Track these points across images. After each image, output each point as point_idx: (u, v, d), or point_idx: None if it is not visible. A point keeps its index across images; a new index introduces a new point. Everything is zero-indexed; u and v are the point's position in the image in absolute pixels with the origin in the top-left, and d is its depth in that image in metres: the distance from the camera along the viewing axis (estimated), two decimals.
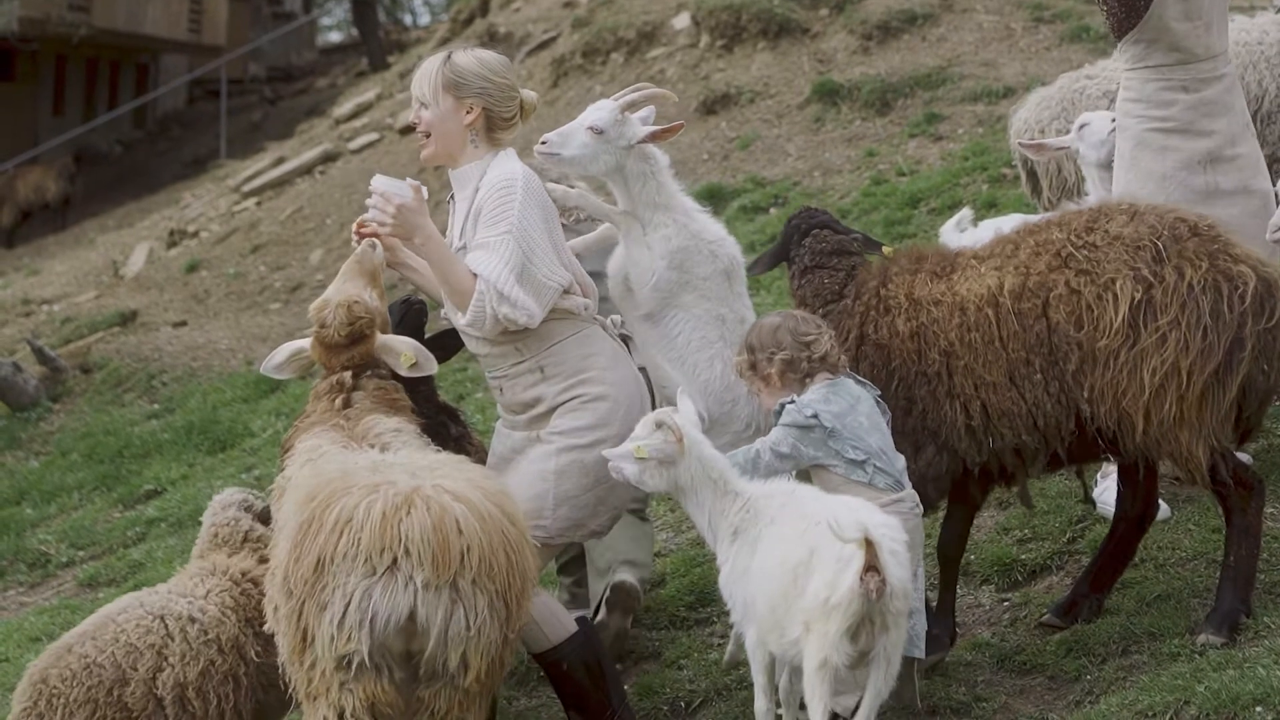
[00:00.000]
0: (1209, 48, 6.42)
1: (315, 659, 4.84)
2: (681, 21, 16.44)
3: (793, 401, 5.45)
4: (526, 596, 5.04)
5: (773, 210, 12.38)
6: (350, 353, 5.74)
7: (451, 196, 5.95)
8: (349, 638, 4.74)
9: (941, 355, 5.72)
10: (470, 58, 5.82)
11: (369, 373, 5.73)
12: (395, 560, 4.73)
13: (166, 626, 5.50)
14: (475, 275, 5.58)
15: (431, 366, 5.77)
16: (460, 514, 4.80)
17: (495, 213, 5.62)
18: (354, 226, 5.94)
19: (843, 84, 14.12)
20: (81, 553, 10.17)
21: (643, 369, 6.02)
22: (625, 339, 6.03)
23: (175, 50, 38.48)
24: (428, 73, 5.80)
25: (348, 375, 5.70)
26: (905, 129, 13.17)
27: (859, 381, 5.55)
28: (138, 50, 37.26)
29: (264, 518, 6.05)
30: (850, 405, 5.43)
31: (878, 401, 5.54)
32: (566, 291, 5.73)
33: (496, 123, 5.83)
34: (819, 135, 13.66)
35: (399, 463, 5.11)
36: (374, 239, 5.90)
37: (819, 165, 13.07)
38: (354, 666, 4.77)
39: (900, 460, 5.47)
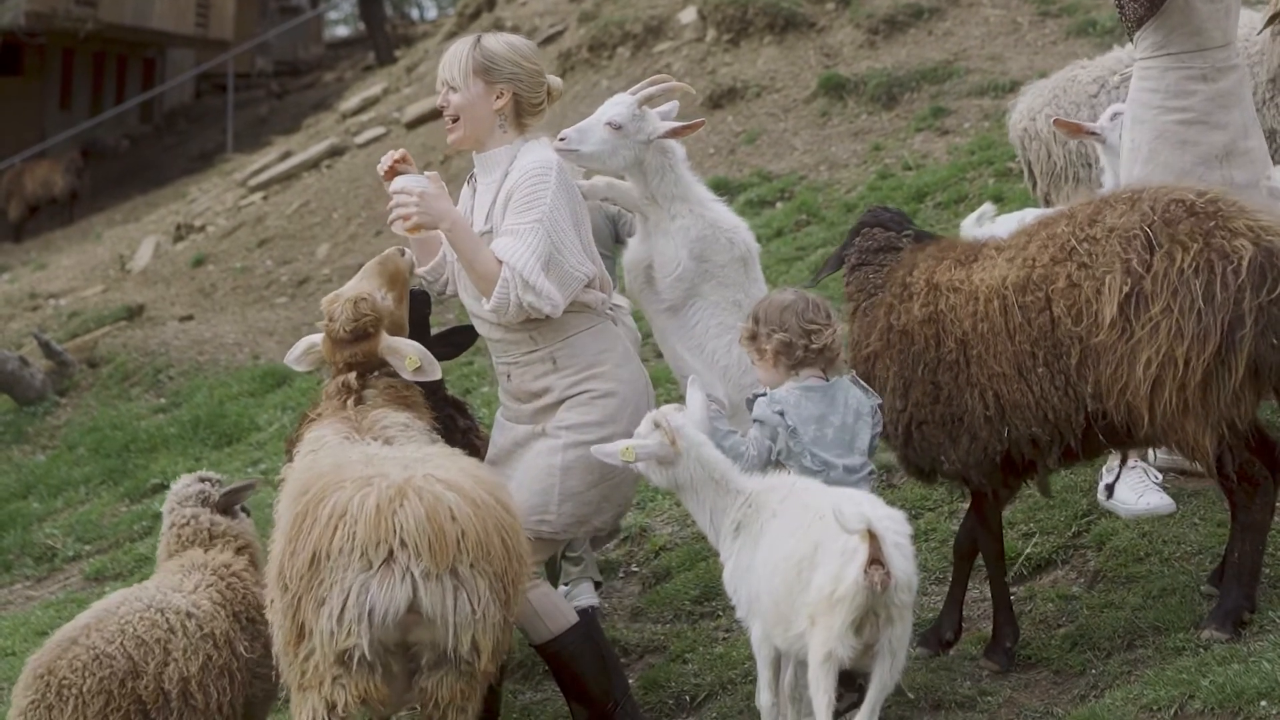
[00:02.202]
0: (1226, 33, 6.34)
1: (311, 652, 4.85)
2: (688, 15, 16.43)
3: (765, 394, 5.44)
4: (523, 579, 5.08)
5: (779, 204, 12.38)
6: (353, 349, 5.75)
7: (471, 177, 5.96)
8: (349, 632, 4.76)
9: (958, 344, 5.71)
10: (500, 42, 5.81)
11: (377, 372, 5.74)
12: (391, 552, 4.75)
13: (168, 620, 5.52)
14: (501, 262, 5.59)
15: (435, 372, 5.77)
16: (453, 501, 4.82)
17: (527, 199, 5.62)
18: (387, 162, 5.87)
19: (849, 78, 14.11)
20: (88, 547, 10.18)
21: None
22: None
23: (182, 44, 38.53)
24: (457, 56, 5.77)
25: (353, 376, 5.71)
26: (911, 123, 13.17)
27: (861, 387, 5.53)
28: (144, 44, 37.30)
29: (222, 507, 6.06)
30: (823, 413, 5.40)
31: (874, 410, 5.52)
32: (587, 285, 5.73)
33: (525, 108, 5.82)
34: (825, 129, 13.66)
35: (392, 455, 5.13)
36: (403, 247, 5.95)
37: (825, 159, 13.07)
38: (354, 661, 4.79)
39: (865, 470, 5.43)
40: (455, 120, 5.80)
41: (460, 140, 5.84)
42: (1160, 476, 6.79)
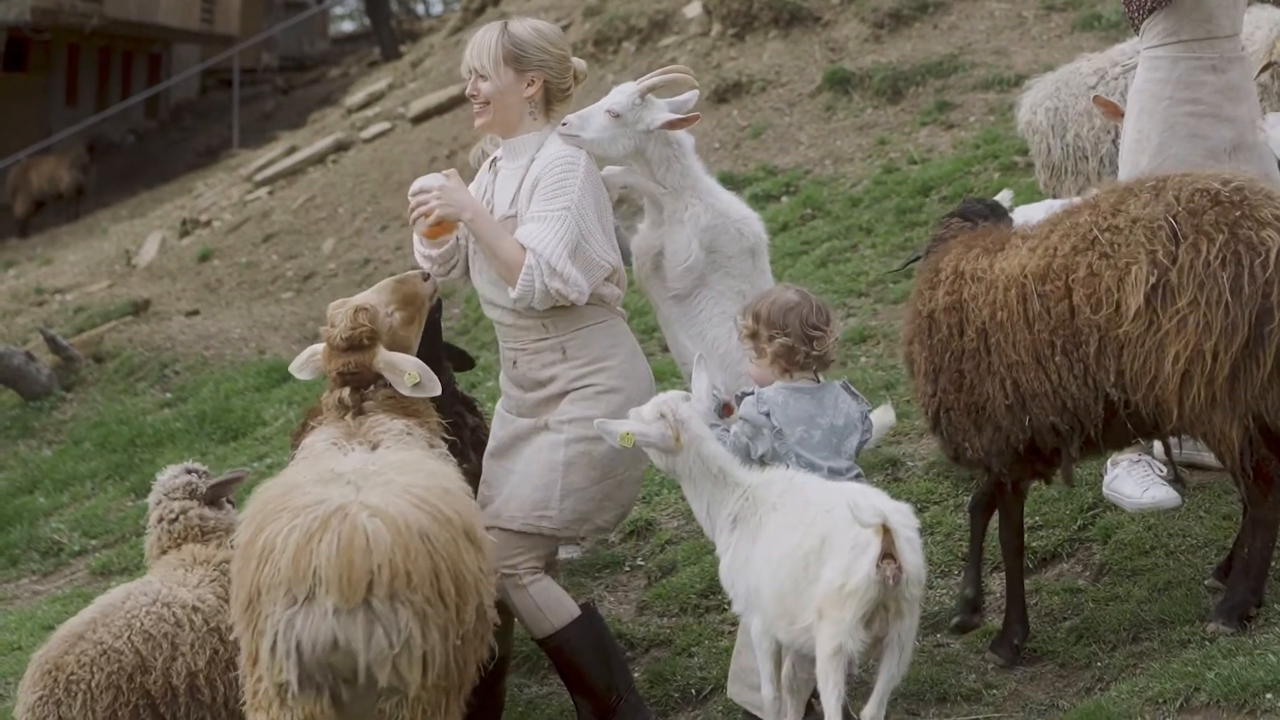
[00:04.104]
0: (1235, 23, 6.31)
1: (260, 677, 4.87)
2: (693, 10, 16.40)
3: (753, 393, 5.44)
4: (469, 598, 4.97)
5: (784, 199, 12.37)
6: (345, 359, 5.66)
7: (493, 160, 5.96)
8: (280, 668, 4.77)
9: (978, 332, 5.72)
10: (528, 28, 5.81)
11: (373, 386, 5.66)
12: (311, 589, 4.73)
13: (174, 615, 5.53)
14: (525, 248, 5.58)
15: (435, 388, 5.67)
16: (371, 531, 4.75)
17: (555, 187, 5.63)
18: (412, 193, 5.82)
19: (854, 72, 14.09)
20: (94, 541, 10.18)
21: None
22: None
23: (188, 40, 38.55)
24: (486, 44, 5.77)
25: (347, 392, 5.63)
26: (917, 117, 13.15)
27: (852, 394, 5.52)
28: (150, 40, 37.31)
29: (209, 499, 6.05)
30: (811, 415, 5.38)
31: (864, 417, 5.51)
32: (606, 278, 5.74)
33: (554, 94, 5.85)
34: (830, 123, 13.64)
35: (349, 470, 5.04)
36: (426, 271, 5.94)
37: (830, 153, 13.05)
38: (289, 693, 4.79)
39: (851, 473, 5.40)
40: (485, 104, 5.80)
41: (488, 125, 5.85)
42: (1165, 470, 6.79)
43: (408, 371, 5.61)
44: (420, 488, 4.97)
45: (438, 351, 6.22)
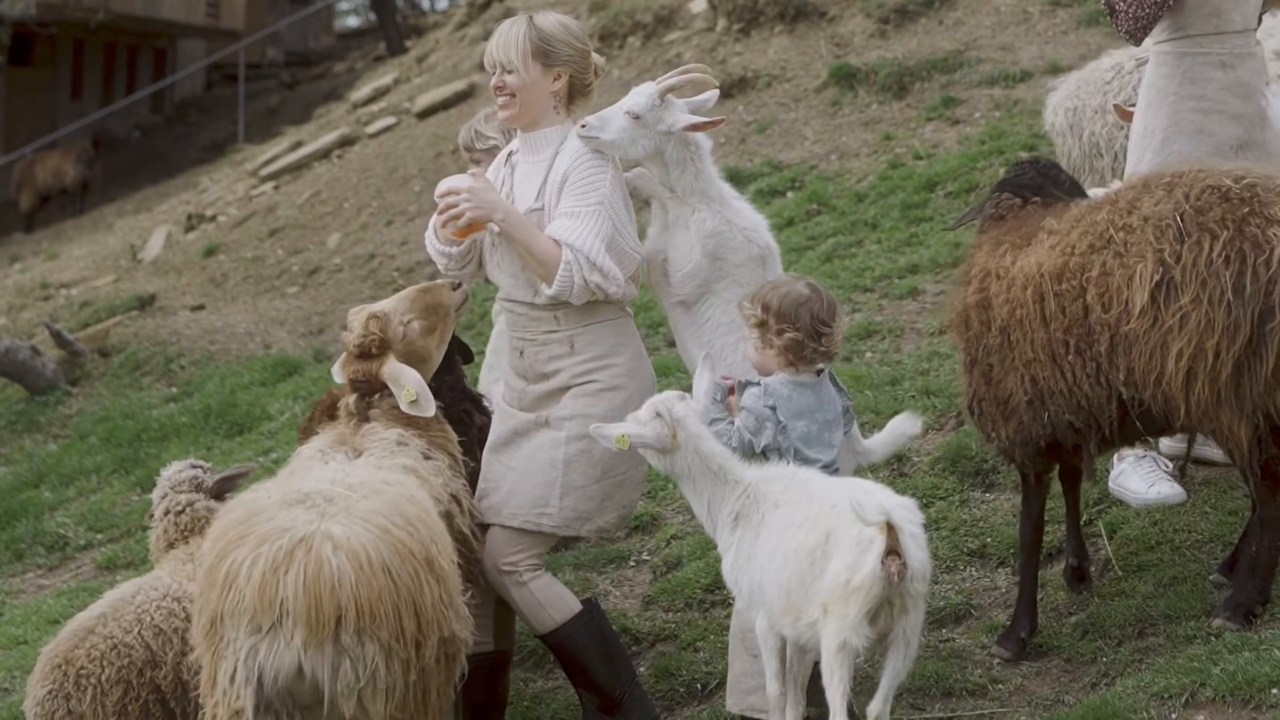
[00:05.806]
0: (1245, 18, 6.28)
1: (216, 702, 4.86)
2: (698, 5, 16.40)
3: (758, 383, 5.43)
4: (429, 633, 4.93)
5: (789, 194, 12.37)
6: (356, 366, 5.69)
7: (509, 154, 5.95)
8: (238, 695, 4.75)
9: (1000, 330, 5.75)
10: (554, 23, 5.80)
11: (379, 395, 5.66)
12: (277, 620, 4.71)
13: (185, 609, 5.53)
14: (559, 244, 5.58)
15: (430, 409, 5.64)
16: (337, 567, 4.72)
17: (586, 182, 5.65)
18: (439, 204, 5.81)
19: (860, 67, 14.08)
20: (99, 536, 10.19)
21: None
22: None
23: (193, 35, 38.58)
24: (514, 38, 5.75)
25: (354, 399, 5.65)
26: (922, 112, 13.14)
27: (837, 386, 5.52)
28: (156, 35, 37.34)
29: (216, 493, 6.06)
30: (811, 410, 5.37)
31: (847, 409, 5.52)
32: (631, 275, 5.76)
33: (578, 89, 5.85)
34: (836, 119, 13.64)
35: (315, 491, 4.99)
36: (458, 281, 5.94)
37: (836, 149, 13.05)
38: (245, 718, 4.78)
39: (832, 468, 5.39)
40: (511, 97, 5.79)
41: (513, 117, 5.84)
42: (1171, 465, 6.78)
43: (406, 388, 5.60)
44: (381, 516, 4.92)
45: (448, 347, 6.21)
